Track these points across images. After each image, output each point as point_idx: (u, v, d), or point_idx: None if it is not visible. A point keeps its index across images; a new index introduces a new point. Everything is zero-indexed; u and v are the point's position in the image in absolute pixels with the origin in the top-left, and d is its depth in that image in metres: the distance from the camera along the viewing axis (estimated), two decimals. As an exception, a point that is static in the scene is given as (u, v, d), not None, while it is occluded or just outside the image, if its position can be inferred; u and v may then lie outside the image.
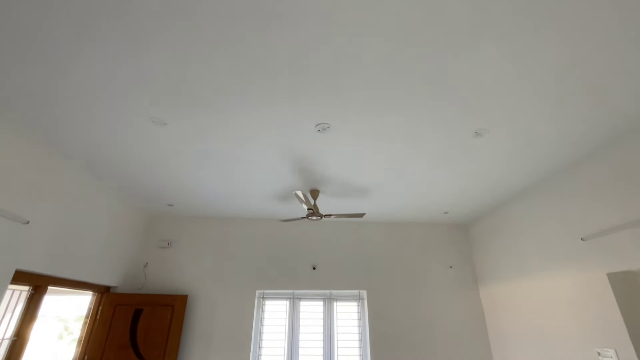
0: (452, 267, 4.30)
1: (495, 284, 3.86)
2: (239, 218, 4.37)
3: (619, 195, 2.44)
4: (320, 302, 4.12)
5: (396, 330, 3.91)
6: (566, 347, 2.83)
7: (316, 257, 4.24)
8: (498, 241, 3.85)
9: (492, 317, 3.90)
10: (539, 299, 3.17)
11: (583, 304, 2.68)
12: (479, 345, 3.92)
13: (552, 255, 3.01)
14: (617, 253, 2.42)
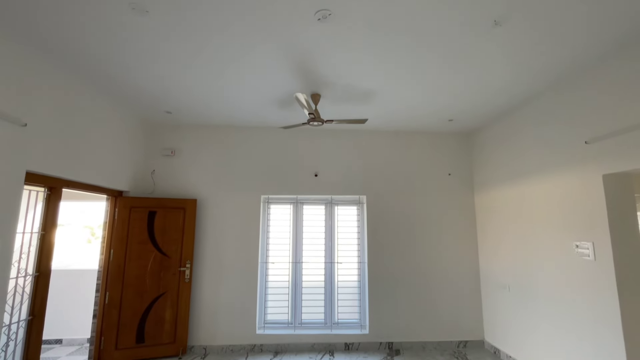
0: (451, 175, 4.41)
1: (490, 190, 4.00)
2: (241, 127, 4.32)
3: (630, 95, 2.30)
4: (322, 207, 4.38)
5: (392, 233, 4.24)
6: (548, 243, 3.08)
7: (318, 165, 4.33)
8: (500, 148, 3.85)
9: (483, 219, 4.17)
10: (531, 202, 3.32)
11: (572, 204, 2.81)
12: (467, 244, 4.28)
13: (554, 159, 3.03)
14: (617, 155, 2.41)
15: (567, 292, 2.84)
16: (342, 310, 4.15)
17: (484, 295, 4.13)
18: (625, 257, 2.45)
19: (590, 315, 2.61)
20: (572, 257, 2.79)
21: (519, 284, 3.46)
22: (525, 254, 3.39)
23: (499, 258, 3.81)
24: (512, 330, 3.56)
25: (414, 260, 4.19)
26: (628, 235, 2.49)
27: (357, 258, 4.27)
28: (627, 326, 2.36)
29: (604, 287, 2.51)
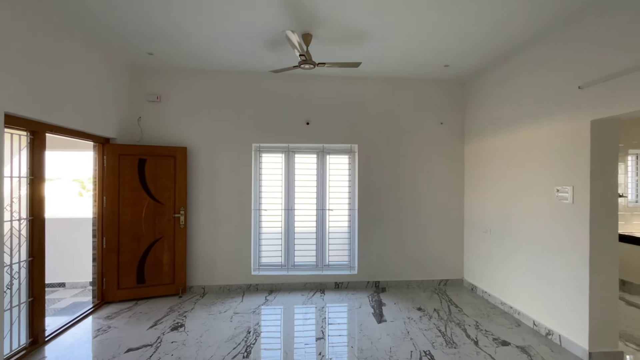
0: (443, 124, 4.40)
1: (480, 139, 4.04)
2: (231, 72, 4.13)
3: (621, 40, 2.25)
4: (314, 155, 4.39)
5: (383, 181, 4.32)
6: (531, 188, 3.21)
7: (310, 112, 4.25)
8: (493, 96, 3.81)
9: (471, 167, 4.27)
10: (519, 150, 3.38)
11: (559, 150, 2.88)
12: (454, 191, 4.42)
13: (546, 105, 3.03)
14: (606, 100, 2.42)
15: (544, 233, 3.03)
16: (332, 254, 4.38)
17: (466, 239, 4.38)
18: (599, 199, 2.58)
19: (563, 252, 2.82)
20: (552, 201, 2.94)
21: (499, 228, 3.67)
22: (508, 199, 3.54)
23: (483, 204, 3.98)
24: (489, 269, 3.84)
25: (402, 207, 4.34)
26: (606, 179, 2.60)
27: (348, 205, 4.40)
28: (594, 259, 2.58)
29: (578, 227, 2.67)
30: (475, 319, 3.34)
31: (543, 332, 3.00)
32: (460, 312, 3.53)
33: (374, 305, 3.72)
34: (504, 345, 2.83)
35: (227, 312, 3.48)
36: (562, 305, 2.82)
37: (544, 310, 3.03)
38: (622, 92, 2.33)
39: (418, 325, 3.21)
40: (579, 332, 2.65)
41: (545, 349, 2.76)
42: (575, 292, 2.69)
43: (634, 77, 2.24)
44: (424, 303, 3.77)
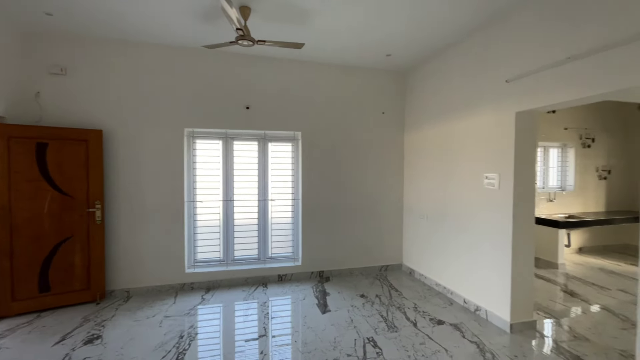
0: (385, 114, 4.47)
1: (418, 129, 4.19)
2: (158, 45, 3.61)
3: (545, 36, 2.46)
4: (255, 143, 4.12)
5: (326, 170, 4.25)
6: (464, 176, 3.41)
7: (250, 96, 3.95)
8: (431, 88, 3.96)
9: (410, 156, 4.42)
10: (452, 140, 3.56)
11: (487, 140, 3.08)
12: (395, 179, 4.55)
13: (477, 97, 3.21)
14: (531, 93, 2.63)
15: (474, 218, 3.25)
16: (275, 246, 4.21)
17: (405, 225, 4.56)
18: (521, 186, 2.83)
19: (490, 235, 3.05)
20: (481, 187, 3.15)
21: (435, 214, 3.87)
22: (443, 186, 3.73)
23: (421, 191, 4.16)
24: (425, 253, 4.05)
25: (345, 196, 4.34)
26: (527, 167, 2.86)
27: (292, 195, 4.24)
28: (515, 239, 2.82)
29: (503, 211, 2.90)
30: (414, 301, 3.48)
31: (472, 308, 3.24)
32: (400, 295, 3.66)
33: (318, 295, 3.66)
34: (439, 324, 2.99)
35: (156, 317, 3.10)
36: (488, 282, 3.07)
37: (473, 288, 3.27)
38: (542, 86, 2.54)
39: (361, 312, 3.23)
40: (502, 306, 2.91)
41: (474, 324, 2.98)
42: (499, 270, 2.94)
43: (551, 73, 2.46)
44: (366, 290, 3.83)
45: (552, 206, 5.31)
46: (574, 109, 5.42)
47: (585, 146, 5.55)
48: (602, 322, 3.03)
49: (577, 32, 2.27)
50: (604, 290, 3.85)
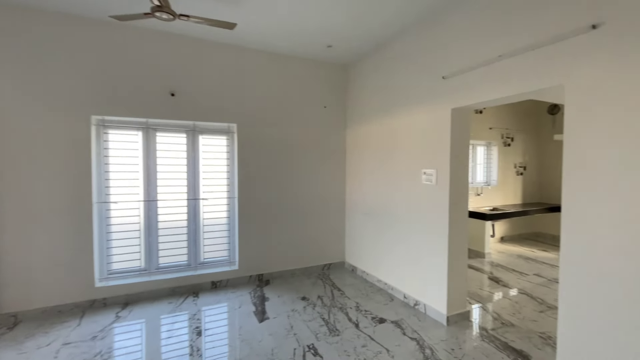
0: (327, 108, 4.32)
1: (360, 124, 4.13)
2: (57, 13, 2.95)
3: (479, 34, 2.51)
4: (183, 135, 3.65)
5: (265, 166, 3.96)
6: (403, 172, 3.41)
7: (175, 81, 3.48)
8: (371, 81, 3.91)
9: (352, 152, 4.35)
10: (393, 136, 3.55)
11: (426, 136, 3.10)
12: (337, 176, 4.45)
13: (416, 93, 3.22)
14: (466, 90, 2.68)
15: (414, 214, 3.26)
16: (209, 249, 3.81)
17: (347, 222, 4.50)
18: (456, 181, 2.89)
19: (428, 229, 3.08)
20: (420, 183, 3.17)
21: (377, 210, 3.84)
22: (384, 182, 3.71)
23: (363, 188, 4.12)
24: (367, 249, 4.02)
25: (285, 193, 4.10)
26: (461, 162, 2.93)
27: (227, 193, 3.87)
28: (451, 233, 2.88)
29: (440, 206, 2.94)
30: (356, 300, 3.40)
31: (412, 303, 3.27)
32: (343, 295, 3.56)
33: (256, 301, 3.38)
34: (381, 322, 2.93)
35: (52, 345, 2.53)
36: (426, 276, 3.10)
37: (412, 283, 3.29)
38: (476, 83, 2.59)
39: (302, 316, 3.04)
40: (439, 299, 2.95)
41: (414, 320, 2.99)
42: (436, 264, 2.98)
43: (484, 71, 2.51)
44: (308, 291, 3.66)
45: (479, 200, 5.73)
46: (498, 110, 5.91)
47: (506, 145, 6.10)
48: (524, 306, 3.27)
49: (508, 31, 2.34)
50: (523, 275, 4.22)
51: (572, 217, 1.98)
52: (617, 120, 1.77)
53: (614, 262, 1.79)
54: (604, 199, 1.83)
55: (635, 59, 1.69)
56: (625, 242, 1.74)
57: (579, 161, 1.94)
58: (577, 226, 1.95)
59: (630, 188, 1.72)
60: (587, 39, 1.89)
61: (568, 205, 2.00)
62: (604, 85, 1.82)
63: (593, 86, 1.87)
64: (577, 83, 1.94)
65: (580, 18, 1.91)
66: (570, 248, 1.98)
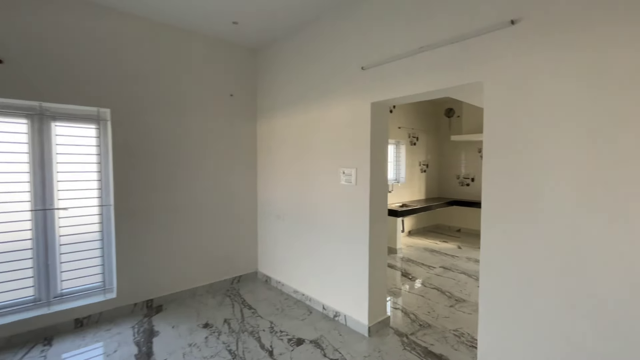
0: (233, 96, 3.72)
1: (273, 117, 3.67)
2: None
3: (400, 22, 2.34)
4: (24, 120, 2.61)
5: (153, 164, 3.17)
6: (321, 171, 3.08)
7: (8, 44, 2.43)
8: (285, 69, 3.48)
9: (264, 147, 3.86)
10: (310, 131, 3.20)
11: (344, 132, 2.83)
12: (247, 175, 3.90)
13: (335, 83, 2.92)
14: (385, 83, 2.47)
15: (333, 216, 2.97)
16: (70, 276, 2.84)
17: (260, 228, 3.99)
18: (376, 180, 2.69)
19: (348, 233, 2.82)
20: (338, 184, 2.89)
21: (293, 214, 3.45)
22: (301, 182, 3.34)
23: (277, 189, 3.67)
24: (282, 257, 3.61)
25: (183, 196, 3.37)
26: (381, 161, 2.74)
27: (99, 200, 2.95)
28: (371, 236, 2.67)
29: (360, 207, 2.70)
30: (270, 319, 2.96)
31: (332, 314, 2.99)
32: (255, 314, 3.06)
33: (141, 339, 2.62)
34: (299, 344, 2.55)
35: None
36: (346, 284, 2.85)
37: (331, 292, 3.01)
38: (396, 76, 2.41)
39: (202, 352, 2.44)
40: (360, 308, 2.73)
41: (334, 334, 2.70)
42: (357, 271, 2.75)
43: (405, 63, 2.34)
44: (212, 314, 3.05)
45: (391, 197, 5.90)
46: (405, 110, 6.18)
47: (412, 144, 6.45)
48: (436, 302, 3.32)
49: (430, 21, 2.19)
50: (431, 269, 4.41)
51: (490, 215, 1.91)
52: (536, 119, 1.73)
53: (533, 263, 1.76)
54: (523, 200, 1.79)
55: (552, 56, 1.66)
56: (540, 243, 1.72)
57: (499, 161, 1.88)
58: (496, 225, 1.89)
59: (543, 186, 1.70)
60: (506, 34, 1.82)
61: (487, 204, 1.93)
62: (523, 82, 1.77)
63: (512, 84, 1.81)
64: (496, 80, 1.87)
65: (500, 12, 1.84)
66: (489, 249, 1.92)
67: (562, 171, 1.65)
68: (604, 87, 1.51)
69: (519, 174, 1.79)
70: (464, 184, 6.70)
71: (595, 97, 1.54)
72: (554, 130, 1.67)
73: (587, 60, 1.56)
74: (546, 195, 1.70)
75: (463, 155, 6.72)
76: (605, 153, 1.52)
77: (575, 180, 1.61)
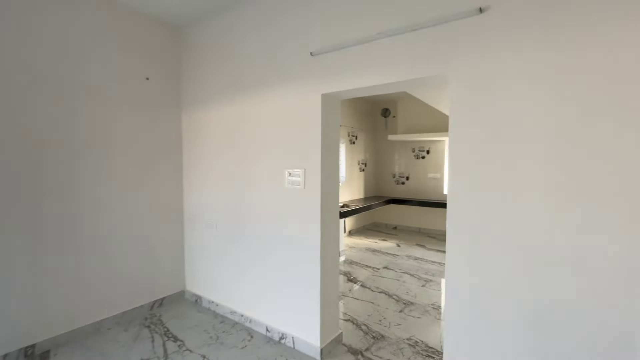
0: (150, 80, 3.04)
1: (202, 107, 3.10)
2: None
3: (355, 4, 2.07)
4: None
5: (37, 164, 2.36)
6: (263, 172, 2.66)
7: None
8: (219, 51, 2.95)
9: (191, 144, 3.25)
10: (248, 125, 2.74)
11: (292, 126, 2.46)
12: (169, 177, 3.24)
13: (279, 70, 2.51)
14: (337, 72, 2.18)
15: (277, 224, 2.58)
16: None
17: (187, 239, 3.38)
18: (327, 183, 2.39)
19: (297, 243, 2.46)
20: (283, 187, 2.51)
21: (229, 222, 2.95)
22: (239, 186, 2.86)
23: (209, 193, 3.12)
24: (216, 272, 3.08)
25: (80, 205, 2.61)
26: (333, 161, 2.45)
27: (-60, 215, 2.05)
28: (323, 245, 2.36)
29: (310, 213, 2.37)
30: (202, 352, 2.43)
31: (277, 337, 2.60)
32: (182, 347, 2.50)
33: (11, 409, 1.88)
34: (239, 382, 2.11)
35: None
36: (294, 302, 2.50)
37: (276, 312, 2.62)
38: (350, 65, 2.12)
39: (108, 415, 1.83)
40: (311, 328, 2.40)
41: (282, 363, 2.33)
42: (307, 284, 2.41)
43: (360, 50, 2.07)
44: (124, 356, 2.39)
45: (332, 197, 5.71)
46: (344, 108, 6.05)
47: (352, 142, 6.37)
48: (385, 308, 3.18)
49: (391, 3, 1.94)
50: (375, 270, 4.32)
51: (456, 216, 1.76)
52: (502, 114, 1.61)
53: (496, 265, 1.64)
54: (491, 203, 1.65)
55: (520, 47, 1.54)
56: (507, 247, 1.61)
57: (461, 159, 1.72)
58: (460, 226, 1.74)
59: (509, 188, 1.59)
60: (473, 23, 1.66)
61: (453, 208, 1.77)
62: (491, 81, 1.63)
63: (478, 81, 1.66)
64: (461, 76, 1.71)
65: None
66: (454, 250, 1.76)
67: (529, 173, 1.54)
68: (576, 89, 1.43)
69: (486, 176, 1.66)
70: (400, 183, 6.89)
71: (568, 98, 1.45)
72: (521, 132, 1.56)
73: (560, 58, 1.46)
74: (513, 199, 1.58)
75: (398, 154, 6.90)
76: (575, 158, 1.44)
77: (543, 184, 1.51)
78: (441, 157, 6.35)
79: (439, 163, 6.37)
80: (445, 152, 6.31)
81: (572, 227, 1.45)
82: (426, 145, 6.52)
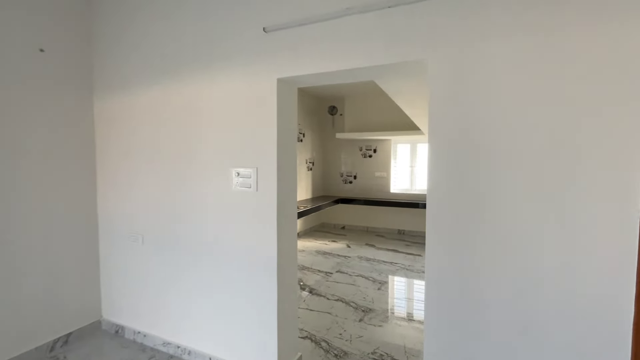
0: (45, 52, 2.32)
1: (122, 91, 2.48)
2: None
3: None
4: None
5: None
6: (204, 171, 2.20)
7: None
8: (148, 18, 2.37)
9: (106, 137, 2.60)
10: (190, 112, 2.24)
11: (241, 116, 2.04)
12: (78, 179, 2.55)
13: (225, 48, 2.07)
14: (294, 53, 1.84)
15: (224, 235, 2.14)
16: None
17: (103, 257, 2.70)
18: (285, 184, 2.04)
19: (248, 257, 2.06)
20: (230, 189, 2.09)
21: (159, 233, 2.40)
22: (172, 189, 2.33)
23: (132, 197, 2.51)
24: (143, 296, 2.50)
25: None
26: (289, 158, 2.11)
27: None
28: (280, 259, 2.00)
29: (264, 221, 1.99)
30: (124, 404, 1.89)
31: (223, 369, 2.16)
32: (95, 401, 1.92)
33: None
34: None
35: None
36: (245, 324, 2.09)
37: (222, 338, 2.18)
38: (312, 45, 1.80)
39: None
40: (266, 353, 2.03)
41: (232, 404, 1.91)
42: (261, 303, 2.03)
43: (324, 27, 1.76)
44: None
45: (279, 198, 5.33)
46: (292, 103, 5.70)
47: (299, 140, 6.06)
48: (344, 319, 2.94)
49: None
50: (328, 275, 4.08)
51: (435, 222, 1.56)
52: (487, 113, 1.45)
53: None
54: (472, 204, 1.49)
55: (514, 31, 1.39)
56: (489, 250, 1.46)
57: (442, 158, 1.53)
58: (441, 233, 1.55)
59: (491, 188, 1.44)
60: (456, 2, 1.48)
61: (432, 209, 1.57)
62: (477, 62, 1.45)
63: (464, 63, 1.48)
64: (445, 58, 1.51)
65: (450, -27, 1.48)
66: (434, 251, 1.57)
67: (513, 173, 1.41)
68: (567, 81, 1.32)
69: (467, 176, 1.49)
70: (347, 182, 6.80)
71: (557, 90, 1.34)
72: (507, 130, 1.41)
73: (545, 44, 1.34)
74: (494, 199, 1.44)
75: (346, 153, 6.80)
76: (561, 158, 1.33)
77: (526, 182, 1.39)
78: (388, 156, 6.41)
79: (386, 162, 6.42)
80: (392, 151, 6.39)
81: (558, 227, 1.34)
82: (373, 144, 6.52)
